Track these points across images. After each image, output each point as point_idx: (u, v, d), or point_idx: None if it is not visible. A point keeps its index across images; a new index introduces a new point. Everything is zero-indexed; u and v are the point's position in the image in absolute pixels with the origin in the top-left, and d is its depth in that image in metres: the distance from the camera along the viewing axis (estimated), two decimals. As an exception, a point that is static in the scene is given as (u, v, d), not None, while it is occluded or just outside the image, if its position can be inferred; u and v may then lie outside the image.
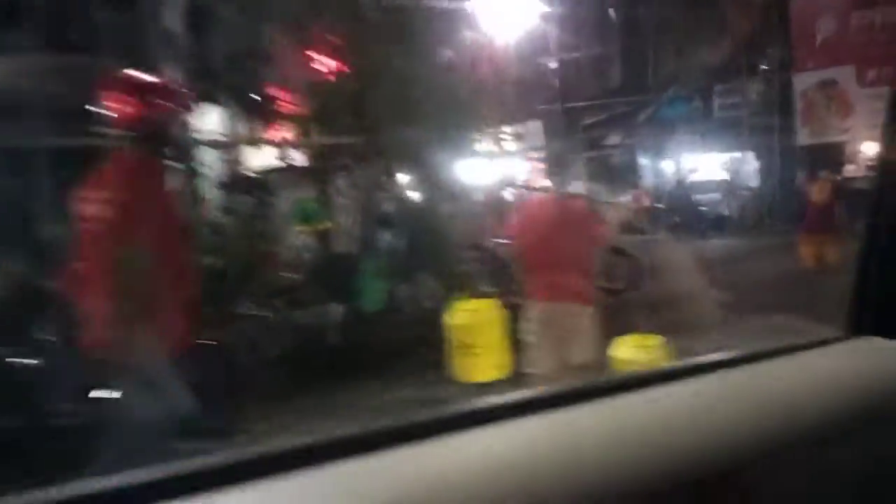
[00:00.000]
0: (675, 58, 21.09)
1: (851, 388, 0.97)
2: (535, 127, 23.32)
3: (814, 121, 17.05)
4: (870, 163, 20.51)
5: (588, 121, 22.88)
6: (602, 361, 4.22)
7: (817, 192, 9.86)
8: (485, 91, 10.03)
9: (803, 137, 17.28)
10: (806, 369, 1.03)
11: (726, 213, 17.60)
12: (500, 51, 14.93)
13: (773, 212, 17.52)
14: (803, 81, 17.03)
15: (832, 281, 7.73)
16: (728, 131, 18.68)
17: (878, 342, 1.10)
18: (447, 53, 9.94)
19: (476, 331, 4.77)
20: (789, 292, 7.80)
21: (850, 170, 19.70)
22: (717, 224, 17.50)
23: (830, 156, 18.28)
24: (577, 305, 4.07)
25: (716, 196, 18.22)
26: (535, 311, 4.12)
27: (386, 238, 8.18)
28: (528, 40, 21.66)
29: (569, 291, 4.03)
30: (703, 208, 17.43)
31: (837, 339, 1.14)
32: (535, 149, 23.68)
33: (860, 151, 19.70)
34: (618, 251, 8.70)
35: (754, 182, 18.09)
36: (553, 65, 22.76)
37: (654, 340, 4.41)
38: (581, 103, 22.39)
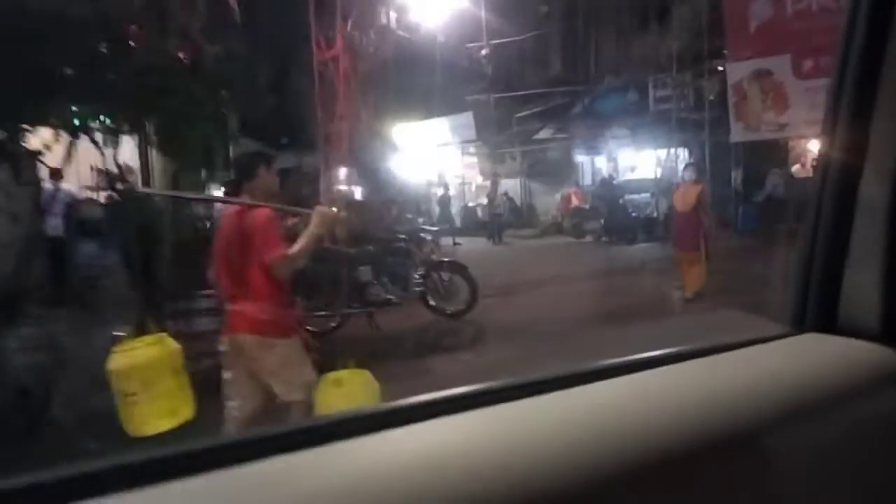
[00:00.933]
0: (609, 45, 19.65)
1: (795, 384, 0.97)
2: (464, 120, 21.74)
3: (748, 116, 15.70)
4: (809, 161, 19.42)
5: (522, 113, 21.36)
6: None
7: (681, 201, 8.35)
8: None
9: (736, 134, 15.91)
10: (749, 365, 1.03)
11: (654, 215, 16.20)
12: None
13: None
14: (736, 72, 15.68)
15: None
16: (662, 127, 17.28)
17: (822, 338, 1.12)
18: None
19: (134, 375, 3.78)
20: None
21: (791, 169, 18.60)
22: (645, 228, 16.09)
23: (767, 153, 17.06)
24: (266, 338, 3.53)
25: (644, 197, 16.81)
26: (224, 344, 3.61)
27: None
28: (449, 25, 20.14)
29: (251, 321, 3.48)
30: (630, 211, 16.01)
31: (782, 336, 1.14)
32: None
33: (798, 148, 18.53)
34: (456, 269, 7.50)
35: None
36: (483, 52, 21.21)
37: (360, 376, 3.59)
38: (512, 94, 20.87)
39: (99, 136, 7.30)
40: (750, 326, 1.19)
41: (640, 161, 18.44)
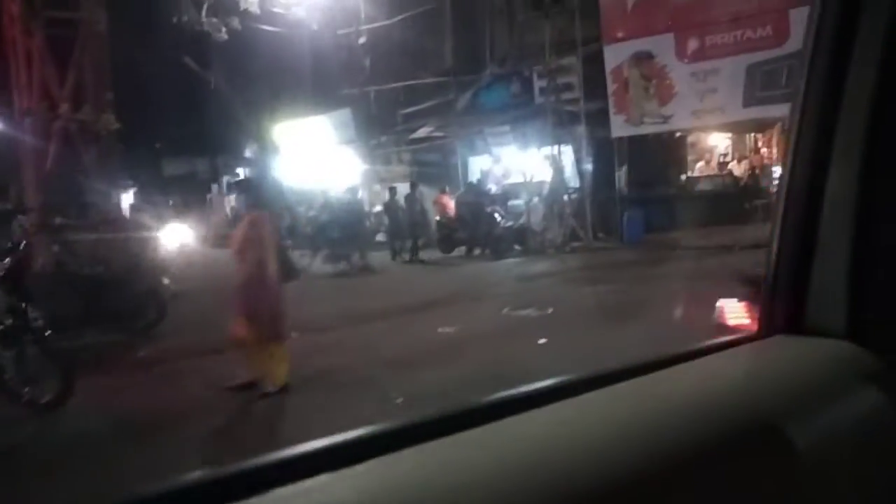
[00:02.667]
0: (498, 28, 17.35)
1: (766, 387, 0.97)
2: (342, 117, 19.30)
3: (629, 106, 13.52)
4: (715, 158, 17.26)
5: (408, 109, 18.96)
6: None
7: (235, 247, 5.25)
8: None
9: (617, 128, 13.69)
10: (720, 371, 1.05)
11: (529, 224, 13.89)
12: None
13: (575, 226, 13.83)
14: (614, 56, 13.46)
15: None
16: (546, 121, 15.01)
17: (791, 340, 1.12)
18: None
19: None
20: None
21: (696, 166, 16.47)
22: (519, 240, 13.78)
23: (661, 150, 14.88)
24: None
25: (519, 204, 14.50)
26: None
27: None
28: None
29: None
30: (500, 220, 13.69)
31: (752, 339, 1.16)
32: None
33: (702, 143, 16.40)
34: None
35: (558, 187, 14.41)
36: (360, 40, 18.79)
37: None
38: (389, 87, 18.45)
39: None
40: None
41: (526, 161, 16.18)
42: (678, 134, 15.11)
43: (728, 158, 16.53)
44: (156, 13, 17.01)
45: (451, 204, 14.91)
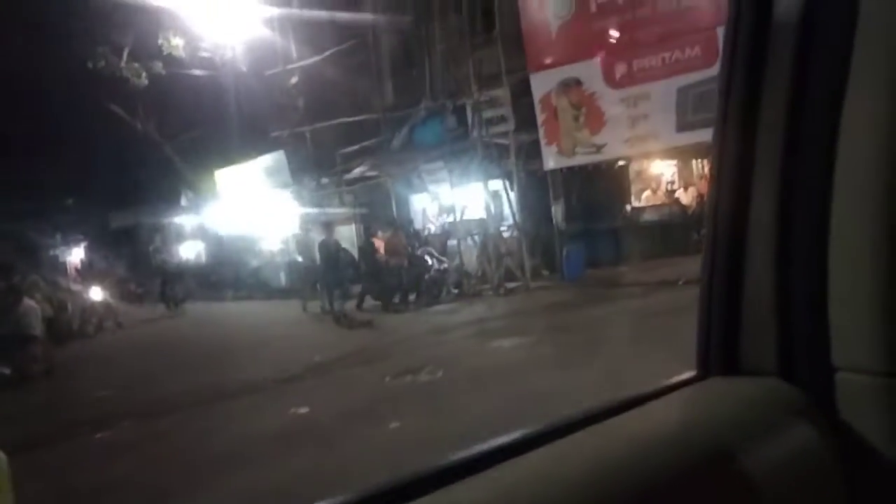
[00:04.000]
0: (433, 61, 16.66)
1: (704, 431, 0.99)
2: (276, 161, 18.38)
3: (560, 137, 12.75)
4: (662, 185, 16.56)
5: (347, 149, 18.09)
6: None
7: None
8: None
9: (549, 159, 12.91)
10: (662, 415, 1.06)
11: (463, 266, 12.97)
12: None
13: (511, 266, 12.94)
14: (541, 84, 12.74)
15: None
16: (477, 156, 14.23)
17: (726, 381, 1.13)
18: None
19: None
20: None
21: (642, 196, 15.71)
22: (450, 283, 12.84)
23: (601, 181, 14.10)
24: None
25: (454, 243, 13.60)
26: None
27: None
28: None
29: None
30: (432, 262, 12.76)
31: (689, 382, 1.15)
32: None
33: (645, 172, 15.68)
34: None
35: (493, 224, 13.53)
36: (291, 80, 18.01)
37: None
38: (321, 125, 17.60)
39: None
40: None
41: (462, 198, 15.34)
42: (621, 163, 14.38)
43: (675, 186, 15.81)
44: (70, 59, 16.17)
45: (381, 247, 13.98)
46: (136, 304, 19.64)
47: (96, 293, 13.94)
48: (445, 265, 13.24)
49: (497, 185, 14.17)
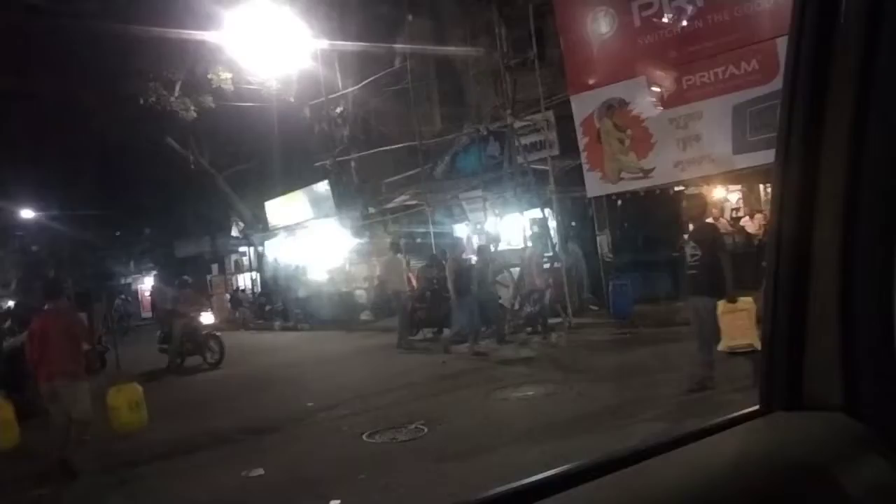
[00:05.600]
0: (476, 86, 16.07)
1: (767, 467, 0.97)
2: (321, 191, 18.05)
3: (604, 162, 11.78)
4: (727, 212, 15.13)
5: (391, 178, 17.65)
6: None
7: None
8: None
9: (592, 186, 11.93)
10: (723, 450, 1.05)
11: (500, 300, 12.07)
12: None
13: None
14: (583, 106, 11.85)
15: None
16: (520, 183, 13.41)
17: (790, 416, 1.11)
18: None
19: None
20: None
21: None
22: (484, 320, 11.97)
23: (647, 208, 12.97)
24: None
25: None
26: None
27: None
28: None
29: None
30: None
31: (751, 417, 1.13)
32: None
33: (698, 198, 14.33)
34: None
35: (535, 255, 12.57)
36: (337, 109, 17.80)
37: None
38: (361, 154, 17.21)
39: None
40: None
41: (505, 227, 14.53)
42: (676, 188, 13.23)
43: (740, 213, 14.43)
44: (123, 95, 16.55)
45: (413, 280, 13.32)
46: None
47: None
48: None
49: (538, 213, 13.29)
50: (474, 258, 14.98)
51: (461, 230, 16.03)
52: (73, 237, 29.48)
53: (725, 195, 14.61)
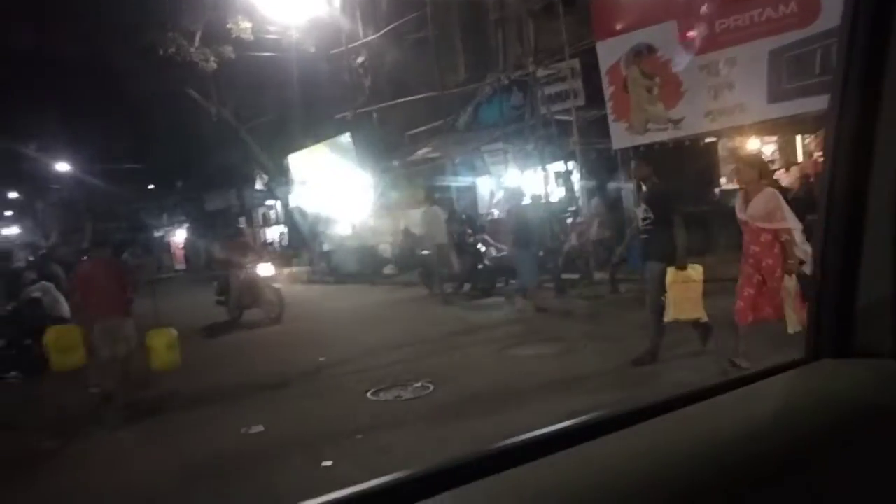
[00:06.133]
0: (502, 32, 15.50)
1: (816, 411, 0.96)
2: (343, 143, 17.78)
3: (630, 112, 11.30)
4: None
5: (415, 129, 17.31)
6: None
7: None
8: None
9: (618, 137, 11.49)
10: (768, 397, 1.03)
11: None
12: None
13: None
14: (609, 52, 11.32)
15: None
16: (545, 134, 12.97)
17: (839, 363, 1.10)
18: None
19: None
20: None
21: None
22: (507, 273, 11.79)
23: (679, 162, 12.45)
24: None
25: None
26: None
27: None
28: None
29: None
30: (485, 250, 11.73)
31: (799, 363, 1.12)
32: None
33: (727, 152, 13.74)
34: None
35: (557, 209, 12.19)
36: (358, 59, 17.39)
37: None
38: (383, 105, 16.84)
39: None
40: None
41: (528, 180, 14.12)
42: (707, 139, 12.68)
43: (776, 165, 13.81)
44: (141, 46, 16.37)
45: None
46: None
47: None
48: (504, 253, 12.16)
49: (561, 166, 12.91)
50: (495, 213, 14.76)
51: (484, 184, 15.71)
52: (108, 190, 29.99)
53: (760, 147, 13.98)
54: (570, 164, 12.89)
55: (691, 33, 10.44)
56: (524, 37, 14.34)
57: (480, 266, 11.86)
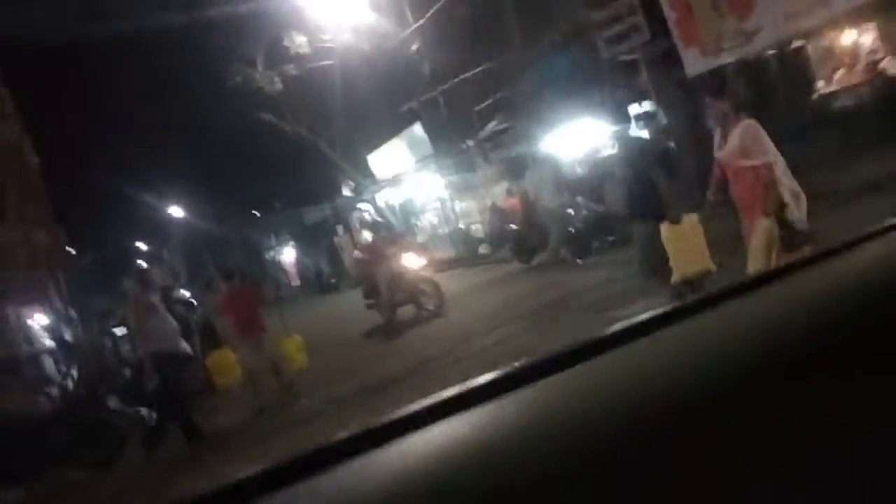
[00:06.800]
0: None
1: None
2: (415, 133, 17.62)
3: (699, 34, 10.46)
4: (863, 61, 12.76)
5: (481, 105, 16.99)
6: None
7: None
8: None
9: (691, 64, 10.69)
10: (868, 261, 0.92)
11: (609, 210, 11.26)
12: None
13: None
14: (664, -24, 10.52)
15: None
16: (610, 79, 12.27)
17: None
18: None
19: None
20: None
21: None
22: (603, 230, 11.32)
23: (764, 72, 11.38)
24: None
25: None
26: None
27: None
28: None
29: None
30: (574, 213, 11.28)
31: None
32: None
33: (822, 51, 12.34)
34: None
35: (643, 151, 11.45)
36: (413, 46, 17.23)
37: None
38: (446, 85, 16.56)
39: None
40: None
41: (605, 131, 13.40)
42: (796, 43, 11.54)
43: (878, 56, 12.35)
44: (209, 82, 17.11)
45: (517, 206, 12.80)
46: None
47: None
48: (597, 210, 11.64)
49: (636, 109, 12.20)
50: (578, 170, 14.17)
51: (561, 144, 15.16)
52: (218, 225, 32.12)
53: (856, 37, 12.53)
54: (646, 105, 12.13)
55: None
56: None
57: (571, 229, 11.45)
